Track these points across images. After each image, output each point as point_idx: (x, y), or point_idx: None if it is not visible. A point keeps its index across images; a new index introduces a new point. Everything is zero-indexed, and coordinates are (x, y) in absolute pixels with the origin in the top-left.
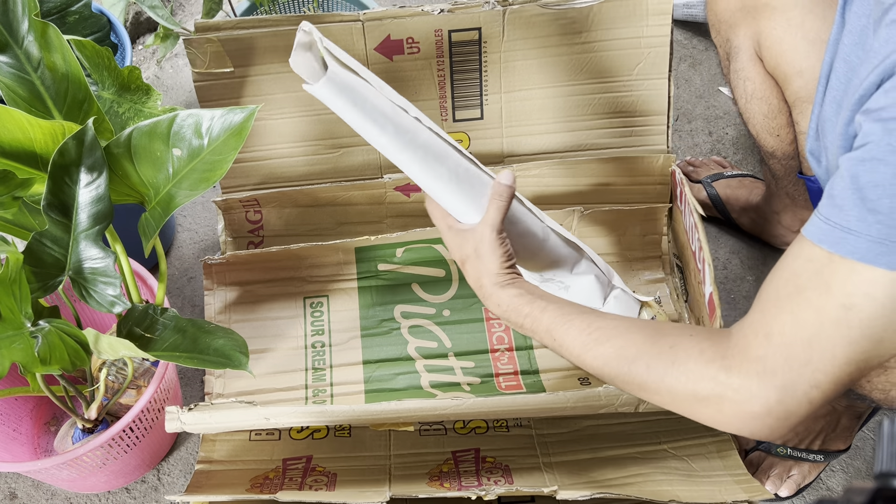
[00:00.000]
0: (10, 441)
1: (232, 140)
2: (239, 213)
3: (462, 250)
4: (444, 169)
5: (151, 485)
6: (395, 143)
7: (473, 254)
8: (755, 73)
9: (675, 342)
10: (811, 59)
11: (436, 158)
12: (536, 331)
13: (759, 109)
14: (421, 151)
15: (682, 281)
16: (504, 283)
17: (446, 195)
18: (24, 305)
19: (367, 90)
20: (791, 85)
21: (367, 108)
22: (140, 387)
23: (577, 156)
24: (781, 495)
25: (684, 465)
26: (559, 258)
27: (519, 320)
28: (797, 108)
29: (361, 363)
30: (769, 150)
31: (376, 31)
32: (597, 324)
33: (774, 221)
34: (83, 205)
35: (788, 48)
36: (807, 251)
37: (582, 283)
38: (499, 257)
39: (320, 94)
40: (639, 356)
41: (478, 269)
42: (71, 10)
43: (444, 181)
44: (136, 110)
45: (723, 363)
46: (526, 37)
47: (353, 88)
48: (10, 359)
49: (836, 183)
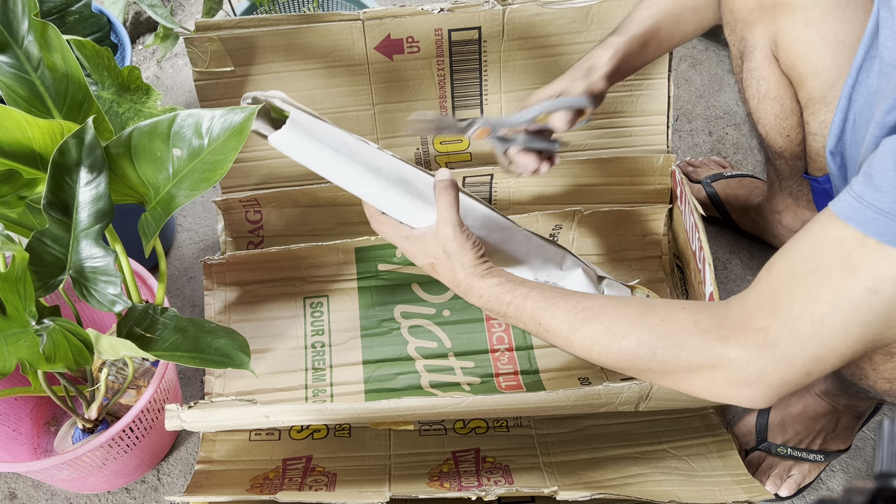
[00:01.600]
0: (10, 441)
1: (232, 140)
2: (239, 213)
3: (427, 255)
4: (386, 176)
5: (151, 485)
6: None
7: (442, 254)
8: (770, 73)
9: (666, 315)
10: (828, 60)
11: (379, 167)
12: (520, 318)
13: (771, 109)
14: (365, 166)
15: (682, 281)
16: (481, 273)
17: (397, 200)
18: (29, 303)
19: (322, 125)
20: (806, 85)
21: (332, 142)
22: (140, 387)
23: (576, 156)
24: (781, 495)
25: (684, 465)
26: (547, 257)
27: (502, 309)
28: (809, 108)
29: (361, 363)
30: (778, 151)
31: (376, 31)
32: (583, 304)
33: (775, 221)
34: (83, 203)
35: (806, 48)
36: (834, 231)
37: (573, 277)
38: (469, 249)
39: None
40: (629, 331)
41: (451, 266)
42: (71, 10)
43: (390, 186)
44: (136, 110)
45: (719, 333)
46: (525, 36)
47: (312, 126)
48: (15, 356)
49: (875, 162)
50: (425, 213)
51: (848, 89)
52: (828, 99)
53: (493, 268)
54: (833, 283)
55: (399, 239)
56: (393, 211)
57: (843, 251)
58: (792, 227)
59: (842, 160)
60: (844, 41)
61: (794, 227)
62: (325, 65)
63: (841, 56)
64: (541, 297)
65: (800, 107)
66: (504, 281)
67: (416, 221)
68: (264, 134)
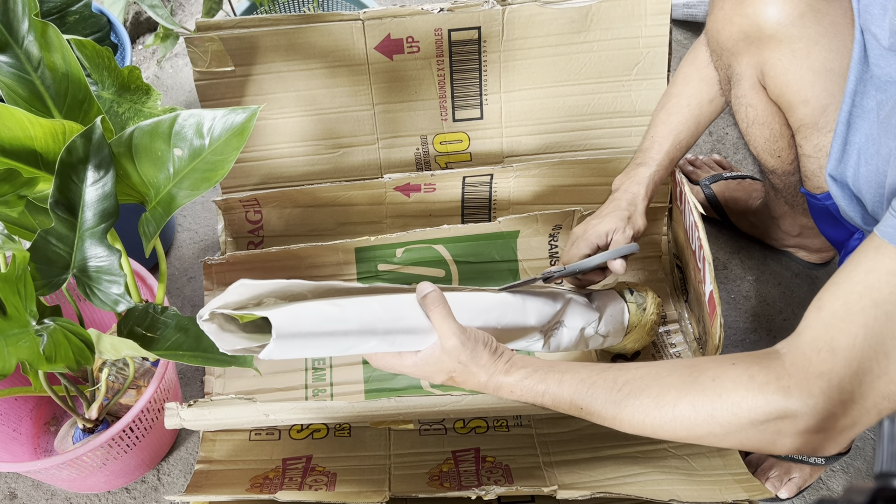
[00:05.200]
0: (10, 441)
1: (233, 140)
2: (239, 212)
3: (443, 371)
4: (378, 326)
5: (151, 485)
6: (348, 338)
7: (459, 366)
8: (757, 101)
9: (716, 374)
10: (817, 88)
11: (368, 322)
12: (559, 406)
13: (760, 134)
14: (355, 330)
15: (682, 281)
16: (504, 370)
17: (397, 340)
18: (30, 303)
19: (298, 306)
20: (796, 112)
21: (316, 323)
22: (140, 387)
23: (576, 156)
24: (781, 497)
25: (684, 464)
26: (542, 308)
27: (538, 400)
28: (801, 133)
29: (361, 362)
30: (770, 168)
31: (376, 31)
32: (623, 378)
33: (773, 225)
34: (89, 203)
35: (794, 78)
36: (887, 262)
37: (571, 312)
38: (482, 350)
39: (275, 352)
40: (680, 398)
41: (471, 373)
42: (71, 10)
43: (386, 334)
44: (136, 110)
45: (779, 384)
46: (525, 36)
47: (292, 319)
48: (16, 356)
49: None
50: (424, 334)
51: (845, 115)
52: (820, 124)
53: (513, 357)
54: (895, 317)
55: (408, 367)
56: (395, 349)
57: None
58: (790, 231)
59: (842, 183)
60: (833, 69)
61: (793, 231)
62: (325, 65)
63: (831, 83)
64: (576, 379)
65: (790, 130)
66: (531, 371)
67: (419, 344)
68: (253, 353)
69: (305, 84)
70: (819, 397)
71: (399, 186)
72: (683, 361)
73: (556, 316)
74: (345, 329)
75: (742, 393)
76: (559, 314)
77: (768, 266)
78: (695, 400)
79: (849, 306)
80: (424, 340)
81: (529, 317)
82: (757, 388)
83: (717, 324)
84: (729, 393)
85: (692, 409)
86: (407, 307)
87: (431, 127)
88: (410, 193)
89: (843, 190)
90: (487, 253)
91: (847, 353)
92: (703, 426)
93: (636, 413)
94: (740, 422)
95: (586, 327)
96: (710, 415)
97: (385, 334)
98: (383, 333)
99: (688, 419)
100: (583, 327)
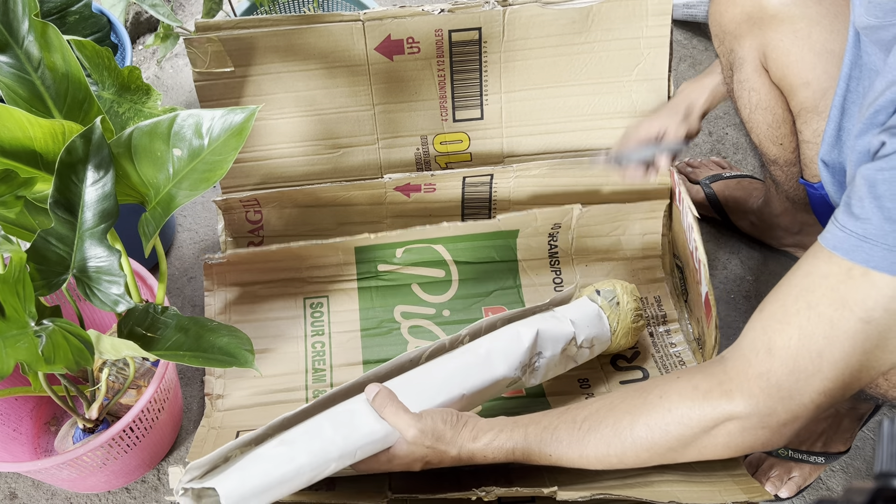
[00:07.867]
0: (10, 441)
1: (232, 140)
2: (239, 212)
3: (417, 460)
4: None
5: (151, 485)
6: (312, 471)
7: (428, 451)
8: (760, 84)
9: (663, 391)
10: (818, 70)
11: (323, 451)
12: (532, 459)
13: (763, 119)
14: (315, 463)
15: (681, 281)
16: (470, 438)
17: (358, 453)
18: (28, 304)
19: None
20: (797, 96)
21: (273, 474)
22: (140, 387)
23: (576, 156)
24: (782, 496)
25: (683, 465)
26: (508, 353)
27: (510, 458)
28: (802, 117)
29: (361, 363)
30: (772, 158)
31: (377, 31)
32: (582, 415)
33: (774, 224)
34: (89, 203)
35: (795, 59)
36: (822, 267)
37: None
38: (443, 428)
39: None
40: (635, 421)
41: (441, 451)
42: (71, 10)
43: (344, 456)
44: (136, 110)
45: (721, 389)
46: (526, 37)
47: (248, 476)
48: (14, 358)
49: (853, 192)
50: (385, 434)
51: (839, 99)
52: (819, 108)
53: (479, 423)
54: (826, 318)
55: (384, 464)
56: (357, 460)
57: (831, 286)
58: (790, 228)
59: (833, 169)
60: (833, 51)
61: (793, 228)
62: (325, 65)
63: (831, 65)
64: (539, 428)
65: (792, 116)
66: (497, 433)
67: (382, 445)
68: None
69: (305, 84)
70: (759, 396)
71: (399, 186)
72: (635, 386)
73: (529, 352)
74: (297, 467)
75: (688, 404)
76: (532, 348)
77: (768, 266)
78: (648, 420)
79: (785, 308)
80: (387, 439)
81: (497, 367)
82: (701, 397)
83: (713, 325)
84: (677, 406)
85: (647, 429)
86: (359, 416)
87: (432, 127)
88: (410, 193)
89: (833, 176)
90: (487, 253)
91: (783, 353)
92: (661, 443)
93: (599, 446)
94: (693, 432)
95: (567, 347)
96: (665, 430)
97: (342, 456)
98: (338, 457)
99: (646, 440)
100: (563, 348)
